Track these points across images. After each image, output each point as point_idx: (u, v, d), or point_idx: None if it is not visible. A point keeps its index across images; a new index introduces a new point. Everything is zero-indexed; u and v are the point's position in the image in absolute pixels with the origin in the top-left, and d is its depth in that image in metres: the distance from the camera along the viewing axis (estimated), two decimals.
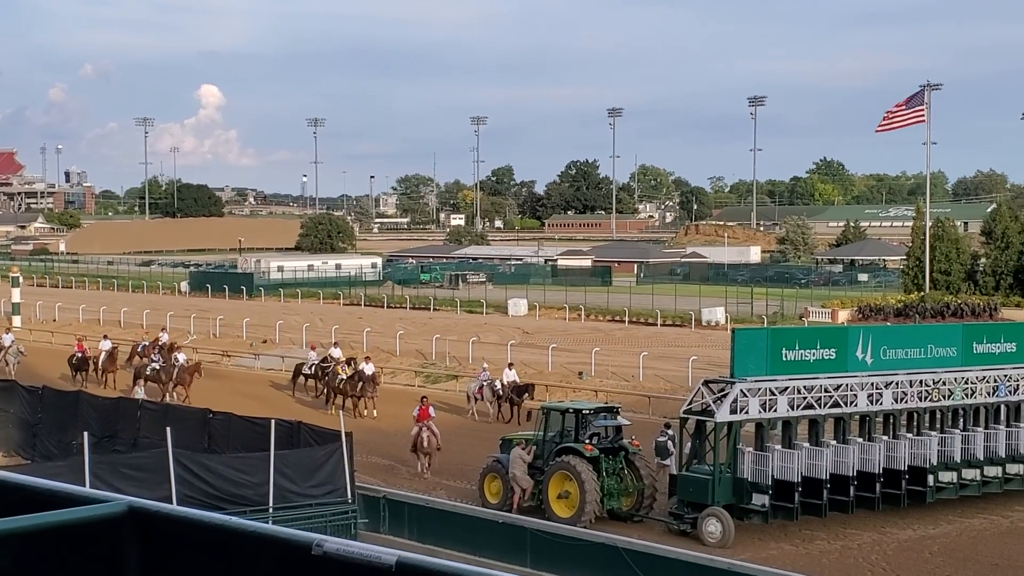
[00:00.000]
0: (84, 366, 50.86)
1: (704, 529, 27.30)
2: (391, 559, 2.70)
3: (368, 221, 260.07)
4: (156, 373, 46.77)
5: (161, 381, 46.38)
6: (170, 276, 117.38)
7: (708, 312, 72.63)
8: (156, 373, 46.77)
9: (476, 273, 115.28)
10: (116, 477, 23.82)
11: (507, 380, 44.51)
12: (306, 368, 48.74)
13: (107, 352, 50.85)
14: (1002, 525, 29.50)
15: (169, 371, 46.65)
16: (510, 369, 45.39)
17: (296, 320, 69.35)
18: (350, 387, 44.56)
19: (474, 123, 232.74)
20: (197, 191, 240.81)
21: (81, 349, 52.27)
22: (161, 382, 46.37)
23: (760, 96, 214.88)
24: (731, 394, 28.04)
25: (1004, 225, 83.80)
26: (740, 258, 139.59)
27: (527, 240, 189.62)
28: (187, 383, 45.82)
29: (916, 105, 79.76)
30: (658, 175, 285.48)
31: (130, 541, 3.10)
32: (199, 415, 31.90)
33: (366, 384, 43.98)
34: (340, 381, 44.97)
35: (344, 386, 44.79)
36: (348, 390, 44.56)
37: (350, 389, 44.54)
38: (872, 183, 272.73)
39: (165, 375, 46.48)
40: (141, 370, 47.61)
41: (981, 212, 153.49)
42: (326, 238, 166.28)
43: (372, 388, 43.96)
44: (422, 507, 28.28)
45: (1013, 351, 32.90)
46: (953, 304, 74.93)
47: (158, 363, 47.48)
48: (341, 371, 45.23)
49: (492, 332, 65.73)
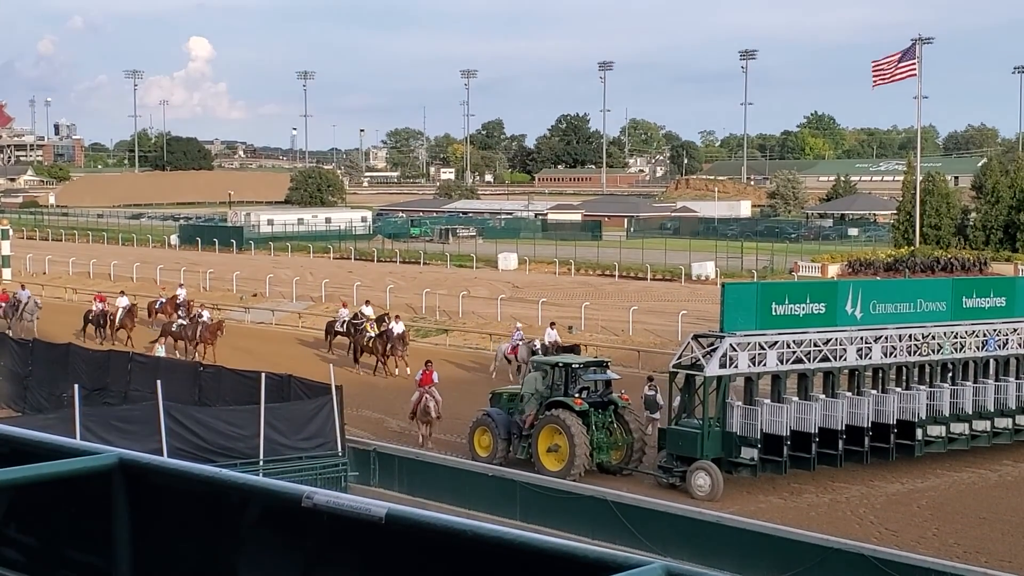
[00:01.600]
0: (103, 322, 50.07)
1: (693, 482, 27.44)
2: (381, 512, 2.71)
3: (358, 175, 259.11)
4: (182, 330, 46.48)
5: (187, 338, 46.11)
6: (160, 229, 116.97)
7: (698, 266, 72.64)
8: (182, 330, 46.48)
9: (466, 227, 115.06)
10: (106, 430, 23.85)
11: (548, 340, 41.42)
12: (337, 325, 47.83)
13: (125, 309, 50.10)
14: (990, 479, 29.69)
15: (194, 328, 46.24)
16: (552, 328, 42.99)
17: (286, 274, 69.27)
18: (380, 345, 43.78)
19: (464, 76, 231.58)
20: (186, 144, 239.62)
21: (102, 299, 51.61)
22: (187, 339, 46.11)
23: (751, 50, 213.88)
24: (720, 348, 28.11)
25: (994, 180, 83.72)
26: (730, 212, 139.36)
27: (517, 194, 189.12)
28: (211, 341, 45.45)
29: (908, 59, 79.48)
30: (648, 129, 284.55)
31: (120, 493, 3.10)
32: (190, 368, 31.89)
33: (395, 343, 43.21)
34: (369, 339, 44.32)
35: (373, 344, 44.06)
36: (378, 348, 43.79)
37: (380, 347, 43.75)
38: (863, 137, 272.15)
39: (191, 332, 46.15)
40: (168, 327, 47.30)
41: (972, 166, 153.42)
42: (316, 192, 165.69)
43: (402, 347, 43.15)
44: (412, 460, 28.41)
45: (1002, 306, 33.00)
46: (943, 259, 74.99)
47: (184, 320, 47.14)
48: (370, 329, 44.60)
49: (482, 286, 65.72)
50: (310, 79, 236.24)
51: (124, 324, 49.46)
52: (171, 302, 52.25)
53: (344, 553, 2.84)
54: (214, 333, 45.83)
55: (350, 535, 2.78)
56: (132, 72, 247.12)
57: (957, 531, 25.12)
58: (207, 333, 45.79)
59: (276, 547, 2.98)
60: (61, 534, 3.23)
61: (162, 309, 52.30)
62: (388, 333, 43.65)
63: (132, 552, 3.11)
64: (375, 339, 44.04)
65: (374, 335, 44.18)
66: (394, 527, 2.69)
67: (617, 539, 22.75)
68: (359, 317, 46.49)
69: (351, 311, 48.21)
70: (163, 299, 54.07)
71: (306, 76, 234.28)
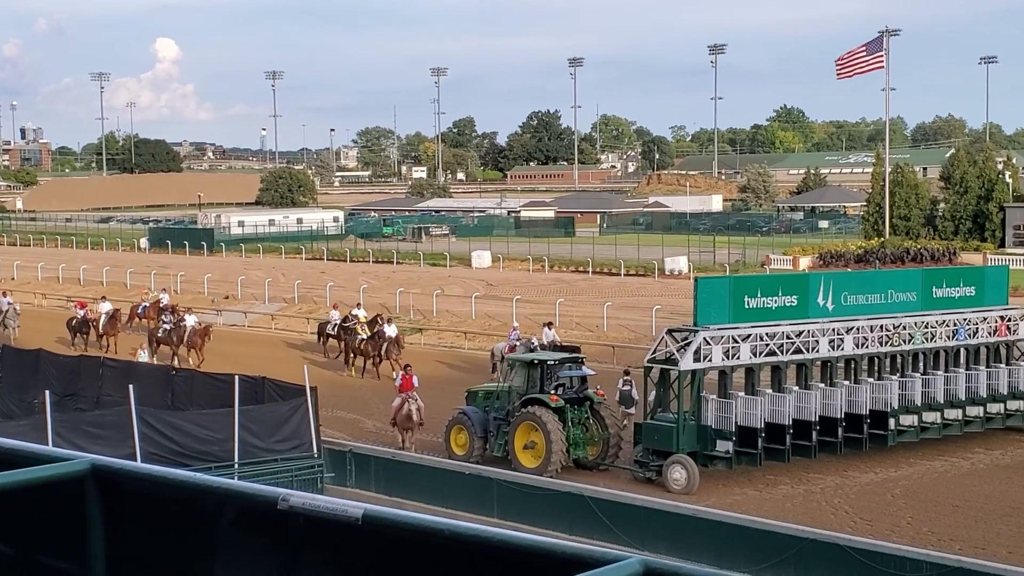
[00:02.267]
0: (85, 328, 48.99)
1: (669, 476, 27.51)
2: (358, 512, 2.69)
3: (329, 175, 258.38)
4: (167, 335, 45.50)
5: (174, 343, 45.20)
6: (129, 233, 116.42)
7: (671, 261, 72.84)
8: (167, 335, 45.50)
9: (439, 226, 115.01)
10: (79, 435, 23.72)
11: (547, 340, 40.74)
12: (329, 328, 46.94)
13: (107, 314, 48.98)
14: (962, 467, 29.89)
15: (180, 334, 45.28)
16: (549, 328, 42.55)
17: (258, 275, 69.05)
18: (371, 348, 43.00)
19: (434, 74, 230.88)
20: (155, 146, 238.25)
21: (83, 306, 50.67)
22: (174, 344, 45.19)
23: (720, 44, 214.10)
24: (694, 342, 28.18)
25: (962, 170, 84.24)
26: (702, 207, 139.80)
27: (490, 192, 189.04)
28: (198, 346, 44.58)
29: (875, 51, 79.86)
30: (620, 125, 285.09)
31: (94, 499, 3.07)
32: (162, 372, 31.74)
33: (389, 346, 42.46)
34: (360, 341, 43.56)
35: (365, 347, 43.26)
36: (369, 351, 43.05)
37: (371, 350, 42.99)
38: (832, 130, 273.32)
39: (176, 338, 45.20)
40: (154, 332, 46.40)
41: (940, 157, 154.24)
42: (287, 192, 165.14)
43: (396, 350, 42.26)
44: (388, 460, 28.37)
45: (972, 295, 33.24)
46: (913, 249, 75.47)
47: (170, 325, 46.11)
48: (361, 331, 43.89)
49: (456, 285, 65.70)
50: (279, 79, 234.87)
51: (107, 330, 48.52)
52: (154, 306, 51.62)
53: (321, 555, 2.82)
54: (202, 337, 45.01)
55: (327, 537, 2.76)
56: (98, 74, 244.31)
57: (931, 519, 25.28)
58: (195, 337, 44.95)
59: (252, 550, 2.96)
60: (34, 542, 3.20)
61: (145, 314, 51.58)
62: (380, 335, 43.07)
63: (106, 559, 3.08)
64: (367, 341, 43.42)
65: (365, 337, 43.60)
66: (371, 528, 2.68)
67: (595, 534, 22.80)
68: (350, 319, 45.78)
69: (342, 313, 47.40)
70: (146, 304, 53.29)
71: (275, 76, 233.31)
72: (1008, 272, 36.84)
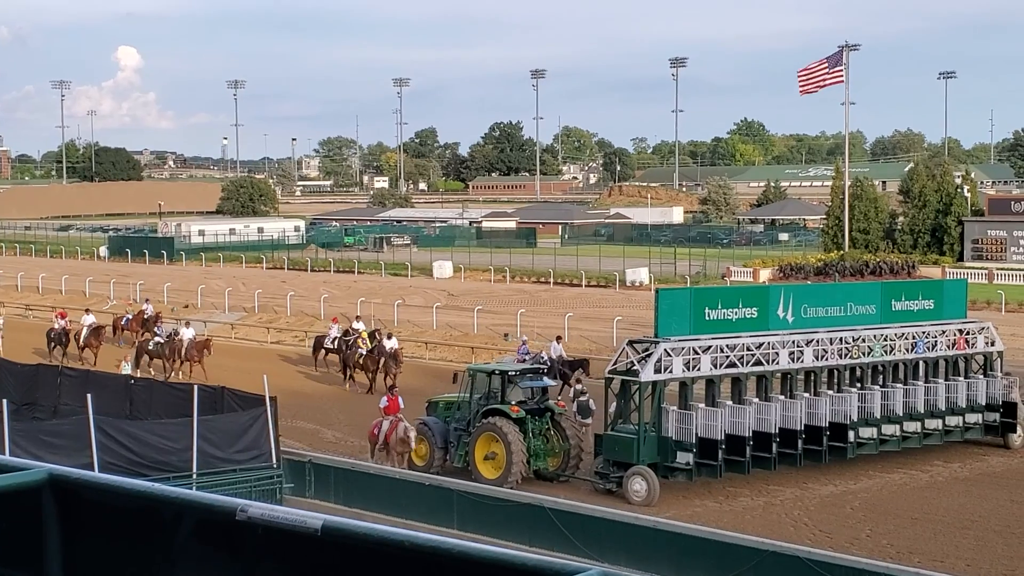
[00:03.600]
0: (64, 339, 46.91)
1: (630, 488, 27.53)
2: (317, 523, 2.68)
3: (290, 184, 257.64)
4: (160, 348, 43.68)
5: (166, 356, 43.47)
6: (88, 241, 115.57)
7: (632, 272, 73.03)
8: (160, 348, 43.68)
9: (400, 236, 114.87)
10: (36, 445, 23.51)
11: (555, 354, 40.54)
12: (327, 342, 45.43)
13: (90, 327, 46.87)
14: (921, 479, 30.08)
15: (176, 347, 43.44)
16: (557, 343, 42.06)
17: (218, 285, 68.71)
18: (370, 362, 41.88)
19: (396, 85, 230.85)
20: (115, 155, 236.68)
21: (63, 316, 48.85)
22: (166, 357, 43.47)
23: (681, 57, 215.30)
24: (655, 354, 28.25)
25: (921, 184, 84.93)
26: (663, 219, 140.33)
27: (451, 202, 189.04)
28: (198, 360, 42.78)
29: (835, 66, 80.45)
30: (581, 136, 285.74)
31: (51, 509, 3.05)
32: (121, 381, 31.51)
33: (388, 360, 41.44)
34: (359, 356, 42.32)
35: (364, 361, 42.09)
36: (368, 365, 41.93)
37: (370, 364, 41.84)
38: (792, 143, 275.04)
39: (171, 351, 43.37)
40: (144, 346, 44.48)
41: (899, 171, 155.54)
42: (248, 201, 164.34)
43: (396, 365, 41.33)
44: (348, 471, 28.25)
45: (931, 308, 33.50)
46: (872, 262, 76.01)
47: (162, 337, 44.31)
48: (362, 344, 42.71)
49: (417, 295, 65.61)
50: (241, 88, 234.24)
51: (89, 343, 46.35)
52: (137, 318, 50.22)
53: (280, 566, 2.81)
54: (201, 351, 43.11)
55: (286, 548, 2.75)
56: (59, 82, 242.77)
57: (890, 531, 25.41)
58: (194, 351, 43.03)
59: (211, 562, 2.94)
60: None
61: (128, 326, 50.09)
62: (380, 349, 42.10)
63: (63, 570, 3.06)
64: (366, 356, 42.27)
65: (365, 351, 42.45)
66: (330, 539, 2.67)
67: (555, 546, 22.79)
68: (349, 334, 44.43)
69: (342, 327, 45.98)
70: (129, 315, 51.63)
71: (236, 85, 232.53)
72: (966, 285, 37.18)
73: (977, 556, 23.80)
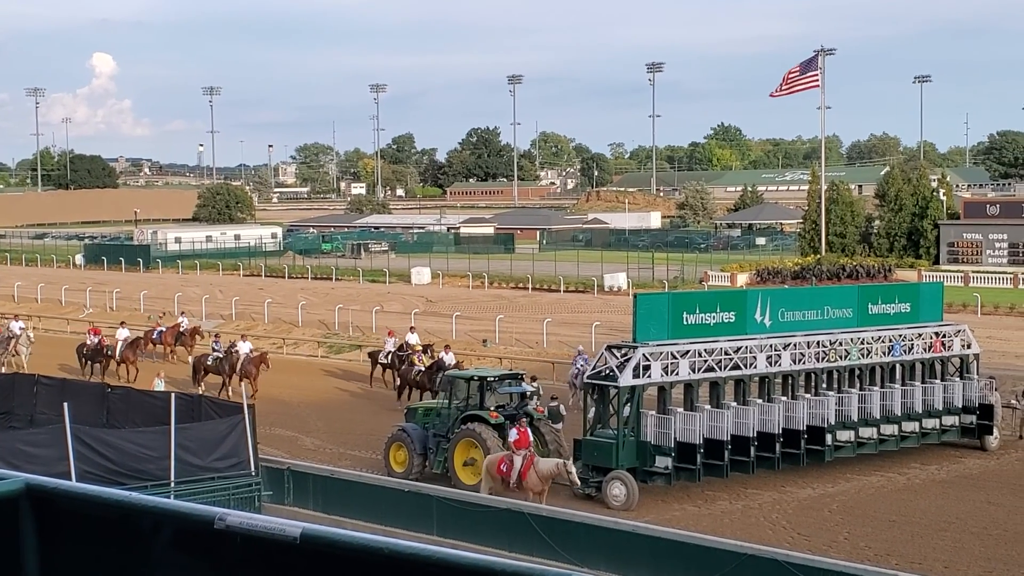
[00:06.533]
0: (99, 357, 45.35)
1: (609, 492, 27.56)
2: (296, 531, 2.68)
3: (267, 191, 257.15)
4: (218, 363, 42.04)
5: (225, 373, 41.80)
6: (64, 249, 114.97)
7: (610, 278, 73.13)
8: (218, 363, 42.04)
9: (378, 242, 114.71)
10: (12, 454, 23.35)
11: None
12: (382, 357, 43.24)
13: (126, 341, 45.40)
14: (898, 482, 30.20)
15: (233, 362, 41.83)
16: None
17: (195, 292, 68.49)
18: (427, 379, 38.71)
19: (373, 91, 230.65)
20: (91, 162, 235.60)
21: (96, 332, 47.18)
22: (225, 373, 41.77)
23: (658, 62, 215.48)
24: (634, 359, 28.28)
25: (897, 187, 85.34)
26: (641, 224, 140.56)
27: (429, 208, 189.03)
28: (253, 376, 40.82)
29: (811, 70, 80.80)
30: (559, 142, 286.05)
31: (28, 519, 3.03)
32: (98, 390, 31.37)
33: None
34: (417, 372, 39.52)
35: (421, 378, 39.17)
36: (426, 383, 38.75)
37: (427, 382, 38.65)
38: (769, 148, 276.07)
39: (229, 366, 41.69)
40: (201, 361, 42.76)
41: (875, 175, 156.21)
42: (224, 208, 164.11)
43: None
44: (327, 478, 28.16)
45: (907, 311, 33.64)
46: (848, 266, 76.30)
47: (221, 352, 42.52)
48: (417, 361, 40.09)
49: (395, 301, 65.56)
50: (216, 95, 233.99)
51: (126, 358, 44.82)
52: (171, 331, 49.02)
53: (259, 574, 2.80)
54: (258, 365, 41.41)
55: (265, 556, 2.74)
56: (34, 90, 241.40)
57: (868, 534, 25.50)
58: (251, 366, 41.28)
59: (189, 571, 2.93)
60: None
61: (161, 339, 48.75)
62: (439, 363, 38.80)
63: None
64: (423, 373, 39.33)
65: (422, 368, 39.68)
66: (309, 547, 2.66)
67: (534, 551, 22.77)
68: (405, 348, 42.34)
69: (399, 340, 43.64)
70: (161, 329, 49.81)
71: (212, 92, 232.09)
72: (943, 289, 37.32)
73: (954, 558, 23.90)
